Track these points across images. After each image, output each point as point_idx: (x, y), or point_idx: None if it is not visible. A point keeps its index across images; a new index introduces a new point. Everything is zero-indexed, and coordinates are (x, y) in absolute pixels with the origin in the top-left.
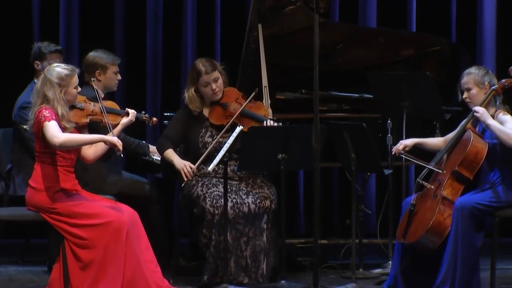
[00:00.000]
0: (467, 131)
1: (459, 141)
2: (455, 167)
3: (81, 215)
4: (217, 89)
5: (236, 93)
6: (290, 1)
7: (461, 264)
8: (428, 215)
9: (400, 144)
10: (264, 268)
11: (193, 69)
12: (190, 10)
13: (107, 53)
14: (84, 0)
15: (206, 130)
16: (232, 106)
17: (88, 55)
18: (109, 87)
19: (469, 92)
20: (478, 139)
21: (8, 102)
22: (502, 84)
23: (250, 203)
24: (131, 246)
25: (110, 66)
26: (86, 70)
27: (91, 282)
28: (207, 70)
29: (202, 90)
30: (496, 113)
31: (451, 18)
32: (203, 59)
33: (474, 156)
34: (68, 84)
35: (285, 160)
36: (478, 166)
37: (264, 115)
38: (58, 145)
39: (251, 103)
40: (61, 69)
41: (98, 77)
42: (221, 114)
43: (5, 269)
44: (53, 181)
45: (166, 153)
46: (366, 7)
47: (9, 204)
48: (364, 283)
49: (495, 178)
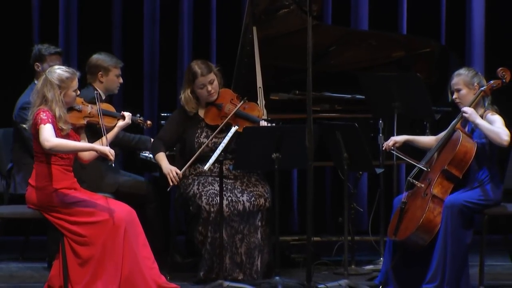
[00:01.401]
0: (456, 131)
1: (449, 141)
2: (444, 166)
3: (80, 212)
4: (212, 90)
5: (231, 94)
6: (284, 4)
7: (450, 260)
8: (418, 213)
9: (391, 140)
10: (258, 265)
11: (189, 71)
12: (187, 12)
13: (110, 56)
14: (82, 3)
15: (202, 131)
16: (227, 107)
17: (92, 57)
18: (111, 89)
19: (459, 93)
20: (467, 139)
21: (8, 102)
22: (490, 85)
23: (245, 201)
24: (129, 243)
25: (112, 69)
26: (89, 71)
27: (89, 278)
28: (202, 72)
29: (198, 91)
30: (485, 113)
31: (441, 20)
32: (199, 61)
33: (463, 155)
34: (68, 87)
35: (279, 159)
36: (467, 165)
37: (258, 115)
38: (48, 148)
39: (245, 104)
40: (62, 72)
41: (100, 79)
42: (216, 114)
43: (6, 265)
44: (52, 180)
45: (157, 157)
46: (358, 10)
47: (10, 202)
48: (356, 279)
49: (484, 177)
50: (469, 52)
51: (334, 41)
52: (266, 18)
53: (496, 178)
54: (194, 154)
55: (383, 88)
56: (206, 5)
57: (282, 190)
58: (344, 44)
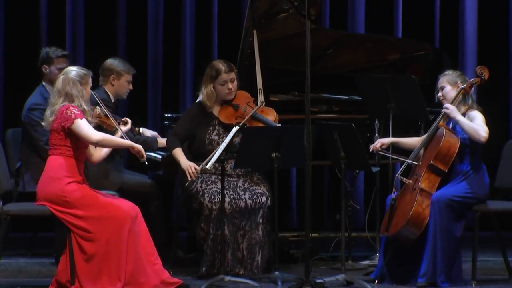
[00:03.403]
0: (440, 128)
1: (433, 137)
2: (430, 160)
3: (88, 207)
4: (232, 89)
5: (248, 97)
6: (283, 8)
7: (441, 253)
8: (407, 207)
9: (378, 142)
10: (259, 260)
11: (211, 68)
12: (189, 16)
13: (124, 63)
14: (89, 7)
15: (214, 128)
16: (243, 108)
17: (106, 60)
18: (120, 94)
19: (443, 90)
20: (451, 134)
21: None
22: (470, 83)
23: (247, 199)
24: (133, 240)
25: (124, 74)
26: (102, 74)
27: (95, 273)
28: (225, 70)
29: (218, 88)
30: (467, 111)
31: (434, 24)
32: (221, 60)
33: (447, 149)
34: (87, 83)
35: (278, 158)
36: (451, 159)
37: (274, 120)
38: (95, 142)
39: (262, 107)
40: (79, 69)
41: (112, 82)
42: (232, 114)
43: (15, 260)
44: (68, 172)
45: (174, 152)
46: (355, 14)
47: (18, 200)
48: (353, 274)
49: (468, 170)
50: (462, 54)
51: (331, 44)
52: (266, 21)
53: (482, 172)
54: (203, 150)
55: (379, 89)
56: (208, 10)
57: (282, 188)
58: (341, 47)
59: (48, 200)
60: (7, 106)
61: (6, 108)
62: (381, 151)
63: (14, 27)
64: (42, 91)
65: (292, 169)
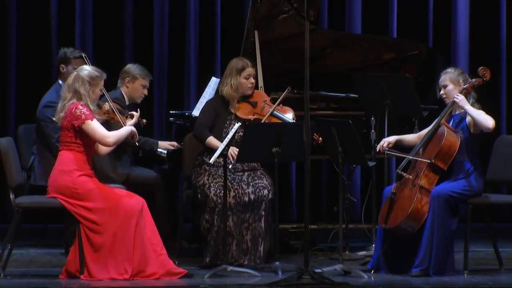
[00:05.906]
0: (441, 126)
1: (434, 135)
2: (431, 158)
3: (98, 198)
4: (253, 84)
5: (264, 95)
6: (283, 10)
7: (436, 246)
8: (407, 203)
9: (384, 141)
10: (261, 251)
11: (237, 62)
12: (193, 17)
13: (143, 68)
14: (97, 9)
15: (231, 123)
16: (262, 105)
17: (127, 65)
18: (134, 97)
19: (446, 89)
20: (452, 133)
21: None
22: (472, 83)
23: (250, 193)
24: (140, 231)
25: (139, 78)
26: (120, 76)
27: (103, 263)
28: (250, 64)
29: (242, 81)
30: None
31: (428, 24)
32: (243, 57)
33: (448, 148)
34: (96, 85)
35: (278, 153)
36: (451, 158)
37: (292, 118)
38: (112, 144)
39: (279, 105)
40: (93, 71)
41: (126, 84)
42: (250, 110)
43: (26, 251)
44: (79, 165)
45: (208, 140)
46: (352, 15)
47: (30, 192)
48: (350, 264)
49: (467, 169)
50: (455, 53)
51: (329, 44)
52: (267, 23)
53: (479, 169)
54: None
55: (374, 87)
56: (212, 12)
57: (282, 182)
58: (338, 47)
59: (59, 192)
60: (20, 103)
61: (18, 105)
62: (388, 150)
63: (26, 27)
64: (58, 89)
65: (291, 164)
